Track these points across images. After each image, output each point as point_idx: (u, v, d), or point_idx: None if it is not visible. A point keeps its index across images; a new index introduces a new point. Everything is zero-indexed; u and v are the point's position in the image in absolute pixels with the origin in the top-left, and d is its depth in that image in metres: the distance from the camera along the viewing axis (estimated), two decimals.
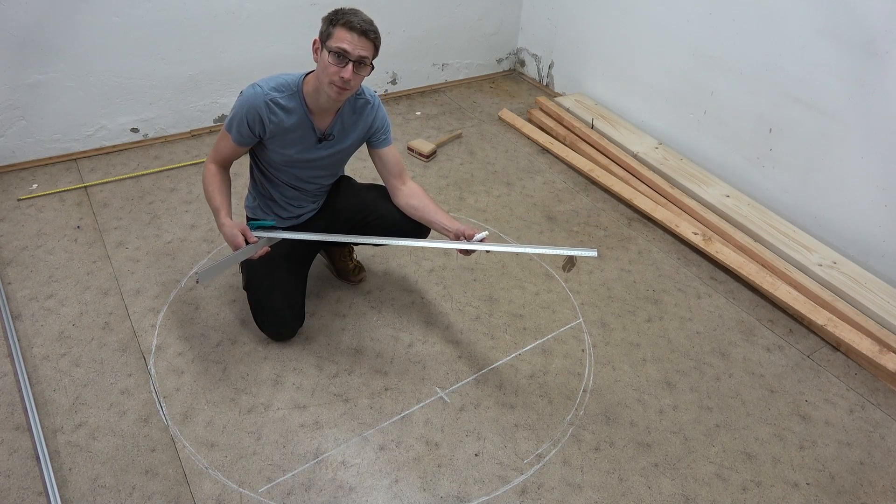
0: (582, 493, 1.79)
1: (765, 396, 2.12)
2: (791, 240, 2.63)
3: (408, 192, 2.09)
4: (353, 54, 1.77)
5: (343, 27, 1.77)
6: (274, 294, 2.07)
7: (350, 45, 1.77)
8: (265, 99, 1.87)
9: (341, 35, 1.77)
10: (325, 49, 1.80)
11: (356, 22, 1.77)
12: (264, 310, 2.09)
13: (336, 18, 1.79)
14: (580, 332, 2.30)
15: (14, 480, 1.70)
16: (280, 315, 2.09)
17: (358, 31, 1.77)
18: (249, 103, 1.87)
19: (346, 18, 1.77)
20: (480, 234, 1.92)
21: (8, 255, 2.41)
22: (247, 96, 1.87)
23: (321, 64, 1.82)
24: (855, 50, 2.38)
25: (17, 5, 2.55)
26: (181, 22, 2.92)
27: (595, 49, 3.57)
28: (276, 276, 2.07)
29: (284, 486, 1.74)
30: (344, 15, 1.78)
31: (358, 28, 1.76)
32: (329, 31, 1.79)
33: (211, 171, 1.98)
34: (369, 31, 1.79)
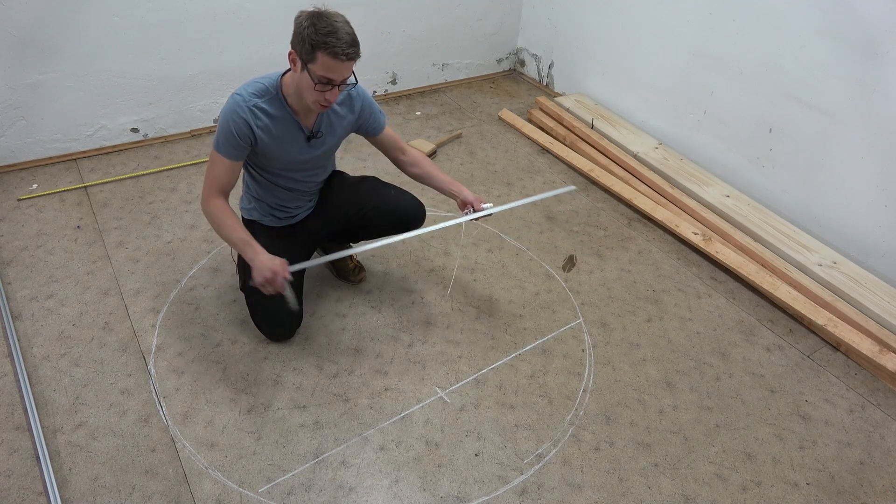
0: (582, 493, 1.79)
1: (765, 396, 2.12)
2: (791, 240, 2.63)
3: (409, 160, 2.18)
4: (337, 80, 1.74)
5: (327, 55, 1.68)
6: (273, 296, 2.06)
7: (335, 73, 1.71)
8: (248, 105, 1.83)
9: (326, 63, 1.69)
10: (307, 71, 1.72)
11: (340, 49, 1.67)
12: (262, 311, 2.09)
13: (318, 42, 1.67)
14: (580, 332, 2.30)
15: (14, 480, 1.70)
16: (277, 316, 2.08)
17: (343, 59, 1.69)
18: (234, 113, 1.82)
19: (330, 45, 1.66)
20: (487, 205, 2.07)
21: (8, 255, 2.41)
22: (229, 107, 1.83)
23: (304, 83, 1.76)
24: (855, 50, 2.38)
25: (18, 5, 2.55)
26: (181, 22, 2.92)
27: (595, 49, 3.57)
28: None
29: (284, 486, 1.74)
30: (326, 38, 1.66)
31: (343, 55, 1.68)
32: (312, 56, 1.70)
33: (218, 206, 1.89)
34: (354, 55, 1.71)
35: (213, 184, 1.91)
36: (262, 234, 2.10)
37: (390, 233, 2.16)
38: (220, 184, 1.91)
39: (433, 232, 2.12)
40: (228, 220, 1.88)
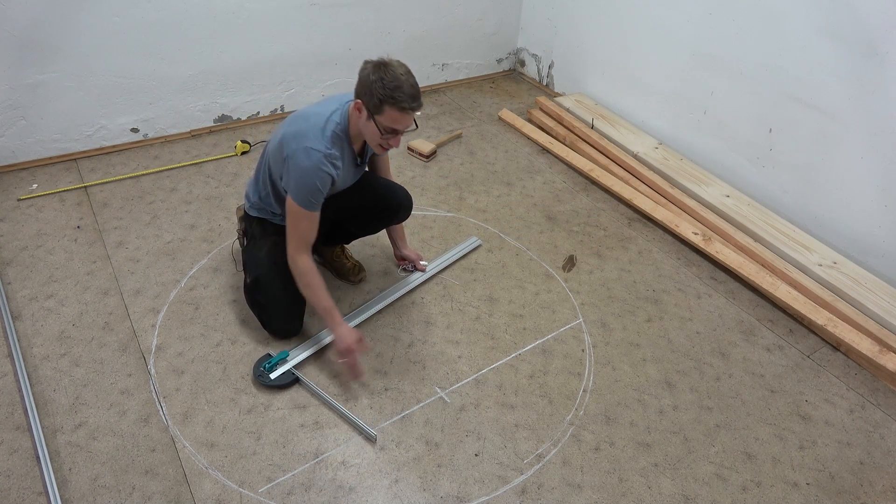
0: (582, 493, 1.79)
1: (765, 396, 2.12)
2: (791, 240, 2.63)
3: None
4: (402, 130, 1.83)
5: (394, 108, 1.77)
6: (284, 292, 2.08)
7: (401, 124, 1.81)
8: (330, 161, 1.88)
9: (393, 116, 1.79)
10: (373, 121, 1.82)
11: (407, 102, 1.77)
12: (272, 307, 2.10)
13: (385, 96, 1.76)
14: (580, 332, 2.30)
15: (14, 480, 1.70)
16: (288, 312, 2.11)
17: (409, 111, 1.79)
18: (319, 171, 1.86)
19: (397, 99, 1.75)
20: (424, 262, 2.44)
21: (8, 255, 2.41)
22: (313, 165, 1.85)
23: (369, 130, 1.85)
24: (855, 50, 2.38)
25: (18, 5, 2.55)
26: (181, 22, 2.92)
27: (595, 49, 3.57)
28: (286, 274, 2.08)
29: (284, 486, 1.74)
30: (393, 94, 1.75)
31: (409, 108, 1.78)
32: (379, 108, 1.79)
33: (309, 267, 1.95)
34: (418, 107, 1.81)
35: (302, 241, 1.95)
36: (271, 232, 2.14)
37: (381, 224, 2.32)
38: (309, 239, 1.96)
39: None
40: (318, 286, 1.96)
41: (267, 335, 2.16)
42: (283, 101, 3.40)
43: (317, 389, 1.98)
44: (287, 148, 1.89)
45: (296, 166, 1.86)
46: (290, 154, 1.88)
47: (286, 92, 3.38)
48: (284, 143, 1.91)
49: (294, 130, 1.90)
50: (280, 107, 3.40)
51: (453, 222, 2.78)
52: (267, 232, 2.15)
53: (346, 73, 3.49)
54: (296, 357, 2.06)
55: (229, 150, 3.13)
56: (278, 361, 2.03)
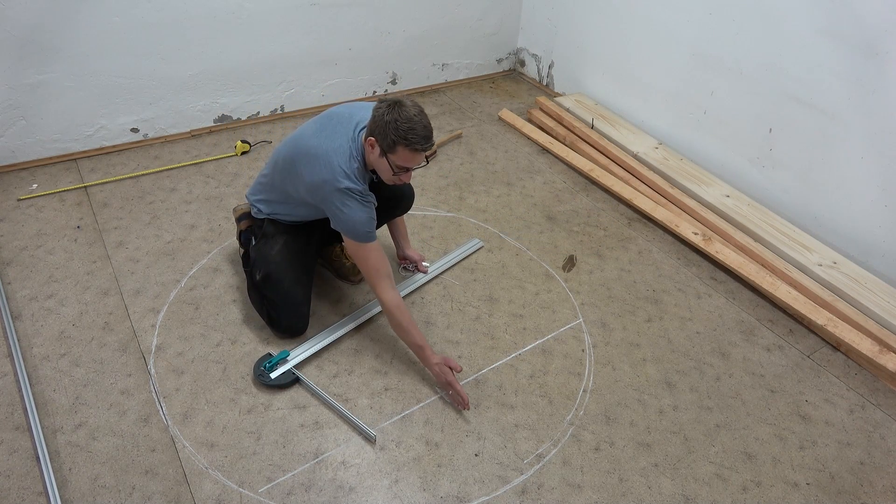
0: (582, 493, 1.79)
1: (765, 396, 2.12)
2: (791, 240, 2.63)
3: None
4: (413, 167, 1.88)
5: (407, 149, 1.81)
6: (295, 289, 2.10)
7: (413, 162, 1.85)
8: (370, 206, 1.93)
9: (405, 156, 1.83)
10: (385, 158, 1.85)
11: (419, 144, 1.80)
12: (283, 304, 2.10)
13: (399, 138, 1.79)
14: (580, 332, 2.30)
15: (14, 480, 1.70)
16: (300, 308, 2.12)
17: (421, 150, 1.83)
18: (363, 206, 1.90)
19: (410, 140, 1.79)
20: (426, 263, 2.45)
21: (8, 255, 2.41)
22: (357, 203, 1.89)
23: (381, 166, 1.88)
24: (855, 50, 2.38)
25: (18, 5, 2.55)
26: (181, 22, 2.92)
27: (595, 49, 3.57)
28: (296, 271, 2.12)
29: (284, 486, 1.74)
30: (406, 135, 1.79)
31: (420, 150, 1.82)
32: (392, 148, 1.82)
33: (398, 300, 1.97)
34: (430, 147, 1.85)
35: (380, 274, 1.96)
36: (283, 231, 2.16)
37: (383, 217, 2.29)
38: (385, 270, 1.98)
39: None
40: (413, 327, 1.98)
41: (268, 335, 2.16)
42: (283, 101, 3.40)
43: (317, 389, 1.98)
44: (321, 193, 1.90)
45: (341, 211, 1.89)
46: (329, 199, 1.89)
47: (286, 92, 3.38)
48: (314, 189, 1.92)
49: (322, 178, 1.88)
50: (280, 107, 3.40)
51: (453, 222, 2.79)
52: (279, 230, 2.16)
53: (346, 73, 3.49)
54: (296, 357, 2.06)
55: (229, 150, 3.13)
56: (279, 361, 2.03)
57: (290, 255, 2.12)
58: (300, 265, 2.15)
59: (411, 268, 2.46)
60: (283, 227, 2.17)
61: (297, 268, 2.13)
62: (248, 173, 2.96)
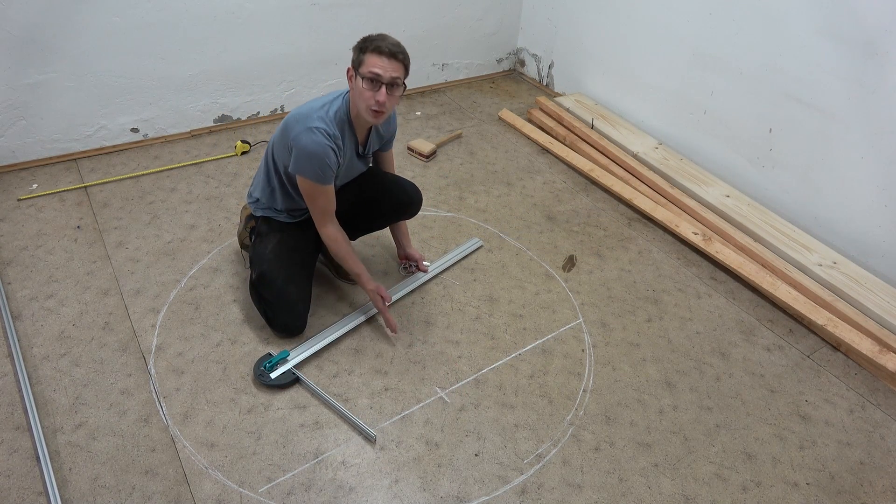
0: (582, 493, 1.79)
1: (765, 396, 2.12)
2: (791, 240, 2.63)
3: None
4: (385, 77, 1.87)
5: (373, 53, 1.86)
6: (289, 287, 2.10)
7: (381, 69, 1.86)
8: (332, 145, 1.93)
9: (372, 61, 1.86)
10: (358, 76, 1.89)
11: (384, 46, 1.85)
12: (279, 303, 2.10)
13: (365, 45, 1.87)
14: (580, 332, 2.30)
15: (14, 480, 1.70)
16: (295, 307, 2.12)
17: (387, 55, 1.86)
18: (322, 147, 1.91)
19: (375, 44, 1.86)
20: (426, 263, 2.44)
21: (8, 255, 2.41)
22: (315, 141, 1.91)
23: (356, 90, 1.92)
24: (855, 50, 2.38)
25: (18, 5, 2.55)
26: (181, 22, 2.92)
27: (595, 49, 3.57)
28: (291, 270, 2.12)
29: (284, 486, 1.74)
30: (372, 41, 1.87)
31: (387, 52, 1.85)
32: (360, 59, 1.88)
33: (335, 232, 2.07)
34: (398, 53, 1.88)
35: (324, 213, 2.05)
36: (277, 229, 2.18)
37: (389, 219, 2.36)
38: (329, 210, 2.05)
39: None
40: (348, 252, 2.10)
41: (268, 335, 2.16)
42: (283, 101, 3.40)
43: (317, 389, 1.98)
44: (290, 132, 1.95)
45: (301, 146, 1.92)
46: (294, 136, 1.93)
47: (286, 92, 3.38)
48: (287, 128, 1.97)
49: (295, 114, 1.97)
50: (280, 107, 3.40)
51: (453, 222, 2.79)
52: (273, 229, 2.17)
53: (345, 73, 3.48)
54: (296, 357, 2.06)
55: (229, 150, 3.13)
56: (279, 361, 2.03)
57: (283, 254, 2.12)
58: (295, 264, 2.14)
59: (412, 268, 2.46)
60: (277, 225, 2.18)
61: (291, 266, 2.12)
62: (248, 173, 2.96)
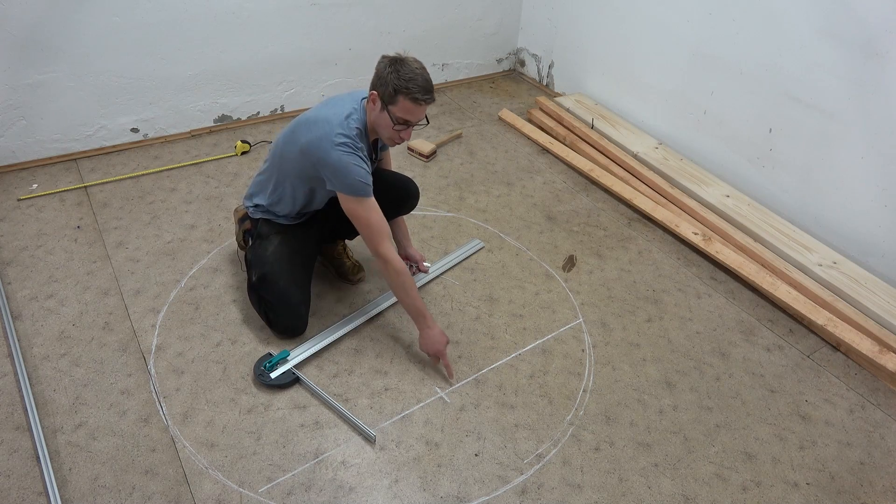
0: (582, 493, 1.79)
1: (765, 396, 2.12)
2: (791, 240, 2.63)
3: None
4: (413, 122, 1.88)
5: (408, 100, 1.84)
6: (291, 289, 2.10)
7: (413, 116, 1.86)
8: (364, 157, 1.93)
9: (407, 107, 1.85)
10: (386, 110, 1.87)
11: (420, 95, 1.83)
12: (280, 305, 2.10)
13: (400, 87, 1.82)
14: (580, 332, 2.30)
15: (14, 480, 1.70)
16: (296, 309, 2.11)
17: (422, 103, 1.85)
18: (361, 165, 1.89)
19: (412, 92, 1.82)
20: (427, 264, 2.40)
21: (8, 255, 2.41)
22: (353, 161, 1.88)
23: (382, 121, 1.90)
24: (855, 50, 2.38)
25: (18, 5, 2.55)
26: (181, 22, 2.92)
27: (595, 49, 3.57)
28: (292, 271, 2.12)
29: (284, 486, 1.74)
30: (408, 85, 1.82)
31: (422, 101, 1.85)
32: (393, 98, 1.85)
33: (402, 264, 1.97)
34: (431, 100, 1.87)
35: (382, 233, 1.95)
36: (277, 231, 2.17)
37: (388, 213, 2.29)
38: (386, 229, 1.98)
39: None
40: (412, 287, 2.00)
41: (268, 335, 2.16)
42: (283, 101, 3.40)
43: (317, 389, 1.98)
44: (316, 151, 1.90)
45: (337, 164, 1.88)
46: (324, 156, 1.88)
47: (286, 92, 3.38)
48: (310, 148, 1.91)
49: (318, 135, 1.90)
50: (280, 107, 3.41)
51: (453, 222, 2.79)
52: (273, 230, 2.16)
53: (346, 73, 3.49)
54: (296, 357, 2.06)
55: (229, 150, 3.13)
56: (279, 361, 2.03)
57: (285, 255, 2.11)
58: (296, 265, 2.14)
59: (412, 268, 2.46)
60: (277, 226, 2.17)
61: (292, 268, 2.12)
62: (248, 173, 2.96)
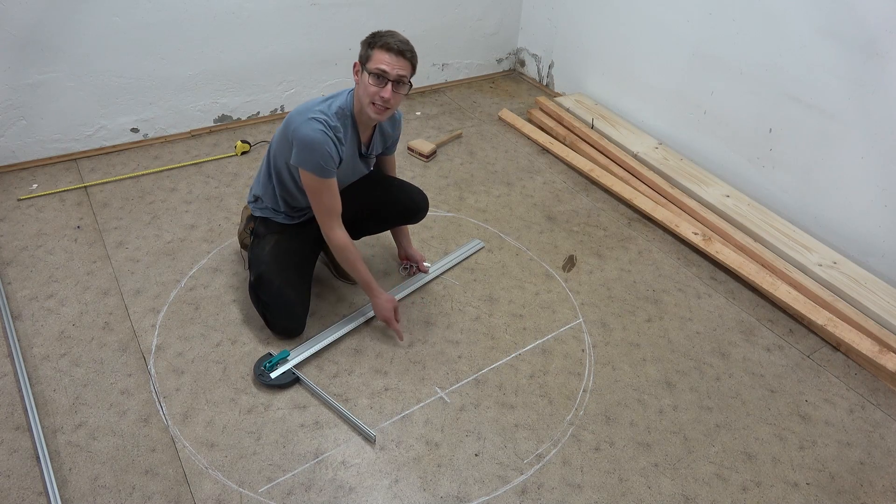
0: (582, 493, 1.79)
1: (765, 396, 2.12)
2: (791, 240, 2.63)
3: None
4: (391, 74, 1.86)
5: (381, 49, 1.85)
6: (287, 290, 2.09)
7: (388, 65, 1.85)
8: (332, 133, 1.92)
9: (379, 57, 1.85)
10: (364, 71, 1.88)
11: (393, 43, 1.85)
12: (277, 305, 2.09)
13: (374, 41, 1.86)
14: (580, 332, 2.30)
15: (14, 480, 1.70)
16: (293, 310, 2.11)
17: (395, 52, 1.85)
18: (324, 136, 1.89)
19: (384, 40, 1.85)
20: (427, 264, 2.44)
21: (8, 255, 2.41)
22: (316, 136, 1.88)
23: (362, 85, 1.90)
24: (855, 50, 2.38)
25: (18, 5, 2.55)
26: (181, 22, 2.92)
27: (595, 49, 3.57)
28: (289, 273, 2.11)
29: (284, 486, 1.74)
30: (381, 37, 1.86)
31: (395, 49, 1.85)
32: (368, 54, 1.87)
33: (345, 239, 2.02)
34: (406, 51, 1.87)
35: (331, 213, 2.00)
36: (274, 231, 2.17)
37: (395, 223, 2.36)
38: (336, 209, 2.00)
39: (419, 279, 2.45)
40: (357, 260, 2.06)
41: (268, 335, 2.16)
42: (283, 101, 3.40)
43: (317, 389, 1.98)
44: (291, 125, 1.94)
45: (301, 137, 1.90)
46: (295, 128, 1.92)
47: (286, 92, 3.38)
48: (288, 122, 1.96)
49: (297, 109, 1.96)
50: (280, 107, 3.41)
51: (453, 222, 2.79)
52: (270, 230, 2.16)
53: (345, 73, 3.49)
54: (296, 357, 2.06)
55: (229, 150, 3.13)
56: (279, 361, 2.03)
57: (281, 256, 2.11)
58: (293, 265, 2.13)
59: (413, 268, 2.46)
60: (275, 226, 2.17)
61: (289, 268, 2.11)
62: (248, 173, 2.96)
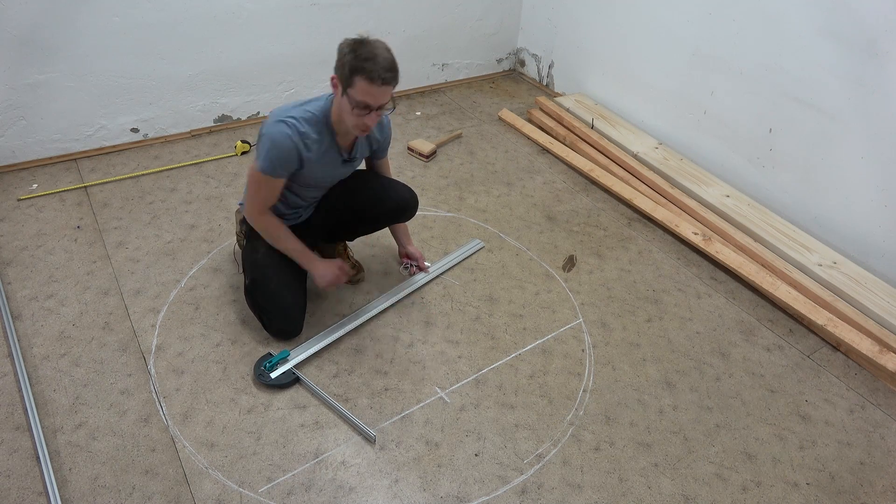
0: (582, 493, 1.79)
1: (765, 396, 2.12)
2: (791, 240, 2.63)
3: None
4: (375, 105, 1.79)
5: (365, 80, 1.73)
6: (282, 292, 2.08)
7: (373, 98, 1.76)
8: (298, 139, 1.88)
9: (363, 88, 1.74)
10: (346, 95, 1.79)
11: (377, 73, 1.72)
12: (272, 308, 2.09)
13: (356, 66, 1.73)
14: (580, 332, 2.30)
15: (14, 480, 1.70)
16: (288, 312, 2.10)
17: (379, 83, 1.74)
18: (284, 144, 1.86)
19: (367, 70, 1.72)
20: (427, 263, 2.43)
21: (8, 255, 2.41)
22: (280, 134, 1.85)
23: (344, 107, 1.82)
24: (855, 50, 2.38)
25: (17, 5, 2.55)
26: (181, 22, 2.92)
27: (595, 49, 3.57)
28: (284, 275, 2.10)
29: (284, 486, 1.74)
30: (363, 64, 1.72)
31: (379, 80, 1.73)
32: (350, 80, 1.76)
33: (270, 221, 2.02)
34: (391, 79, 1.77)
35: (262, 204, 2.00)
36: None
37: (385, 223, 2.33)
38: (268, 203, 2.01)
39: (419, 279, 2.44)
40: (283, 233, 2.05)
41: (267, 335, 2.16)
42: (283, 101, 3.40)
43: (317, 389, 1.98)
44: (263, 125, 1.92)
45: (265, 134, 1.88)
46: (264, 128, 1.89)
47: (286, 92, 3.38)
48: (263, 123, 1.93)
49: (273, 111, 1.92)
50: None
51: (453, 222, 2.79)
52: None
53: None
54: (297, 357, 2.06)
55: (229, 150, 3.13)
56: (279, 361, 2.03)
57: (275, 258, 2.09)
58: (287, 267, 2.11)
59: (413, 267, 2.45)
60: None
61: (283, 270, 2.09)
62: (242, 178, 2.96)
